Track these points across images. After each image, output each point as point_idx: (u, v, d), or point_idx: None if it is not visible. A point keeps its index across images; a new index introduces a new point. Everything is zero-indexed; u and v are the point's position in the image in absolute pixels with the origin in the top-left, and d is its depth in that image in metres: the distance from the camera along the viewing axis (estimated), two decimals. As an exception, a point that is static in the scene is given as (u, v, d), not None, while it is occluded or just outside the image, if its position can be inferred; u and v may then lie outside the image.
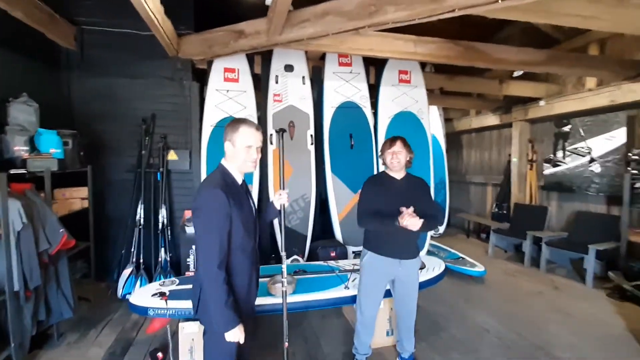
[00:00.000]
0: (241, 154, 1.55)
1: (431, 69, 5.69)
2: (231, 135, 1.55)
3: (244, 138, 1.54)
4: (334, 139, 4.29)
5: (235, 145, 1.54)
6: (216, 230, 1.43)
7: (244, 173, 1.65)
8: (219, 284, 1.41)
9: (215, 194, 1.44)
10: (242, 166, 1.59)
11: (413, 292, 2.33)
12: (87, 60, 3.55)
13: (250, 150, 1.55)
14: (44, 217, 2.38)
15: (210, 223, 1.44)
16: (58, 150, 2.73)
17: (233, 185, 1.56)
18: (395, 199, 2.17)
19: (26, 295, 2.23)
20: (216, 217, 1.44)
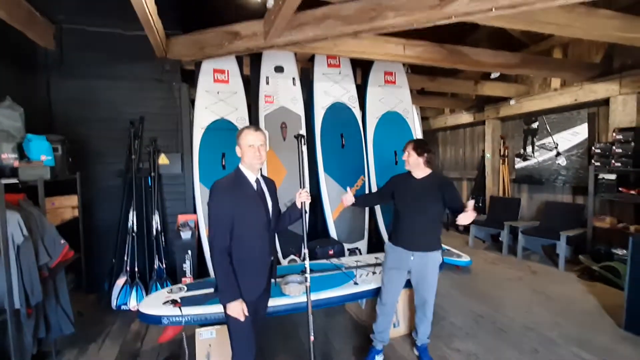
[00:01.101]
0: (247, 153, 1.77)
1: (408, 70, 5.91)
2: (238, 140, 1.81)
3: (246, 139, 1.78)
4: (325, 139, 4.35)
5: (241, 147, 1.79)
6: (218, 223, 1.69)
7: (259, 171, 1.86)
8: (220, 264, 1.68)
9: (217, 190, 1.71)
10: (251, 165, 1.79)
11: (427, 284, 2.44)
12: (68, 62, 3.34)
13: (252, 148, 1.76)
14: (42, 229, 2.24)
15: (214, 216, 1.71)
16: (49, 157, 2.56)
17: (240, 181, 1.78)
18: (409, 196, 2.38)
19: (27, 312, 2.09)
20: (218, 206, 1.70)
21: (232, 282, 1.68)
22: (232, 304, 1.68)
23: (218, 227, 1.68)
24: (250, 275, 1.77)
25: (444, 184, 2.40)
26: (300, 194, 1.99)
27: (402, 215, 2.41)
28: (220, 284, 1.70)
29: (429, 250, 2.38)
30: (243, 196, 1.74)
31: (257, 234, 1.78)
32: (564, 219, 4.84)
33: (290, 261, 4.07)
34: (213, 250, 1.68)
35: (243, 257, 1.73)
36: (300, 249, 4.14)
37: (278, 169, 4.10)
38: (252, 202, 1.76)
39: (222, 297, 1.72)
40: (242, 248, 1.72)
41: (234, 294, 1.69)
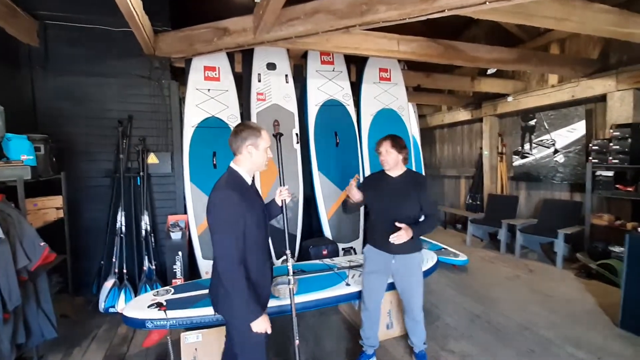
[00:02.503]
0: (263, 156, 1.64)
1: (404, 67, 5.83)
2: (254, 140, 1.61)
3: (266, 141, 1.63)
4: (319, 138, 4.28)
5: (258, 149, 1.61)
6: (232, 228, 1.49)
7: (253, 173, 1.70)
8: (239, 279, 1.47)
9: (229, 196, 1.50)
10: (260, 167, 1.67)
11: (411, 287, 2.34)
12: (53, 58, 3.26)
13: (268, 151, 1.66)
14: (21, 231, 2.16)
15: (226, 222, 1.49)
16: (30, 157, 2.49)
17: (243, 186, 1.61)
18: (385, 196, 2.26)
19: (4, 317, 2.02)
20: (230, 216, 1.49)
21: (253, 297, 1.51)
22: (258, 321, 1.51)
23: (232, 236, 1.47)
24: (263, 282, 1.66)
25: (419, 184, 2.29)
26: (281, 192, 1.90)
27: (379, 216, 2.31)
28: (240, 302, 1.49)
29: (410, 252, 2.28)
30: (250, 200, 1.59)
31: (262, 237, 1.66)
32: (561, 217, 4.78)
33: (283, 261, 4.00)
34: (228, 263, 1.46)
35: (255, 264, 1.59)
36: (293, 248, 4.08)
37: (271, 167, 4.00)
38: (256, 206, 1.64)
39: (245, 315, 1.51)
40: (253, 258, 1.58)
41: (258, 309, 1.52)
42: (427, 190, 2.29)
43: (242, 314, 1.52)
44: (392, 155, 2.21)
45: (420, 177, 2.39)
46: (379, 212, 2.30)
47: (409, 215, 2.21)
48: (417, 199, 2.22)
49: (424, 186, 2.28)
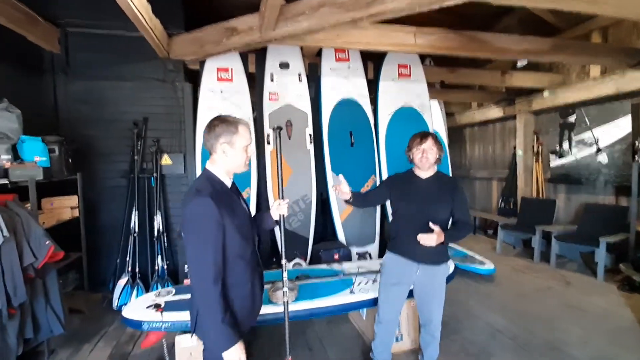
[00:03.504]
0: (241, 155, 1.46)
1: (430, 63, 5.54)
2: (229, 137, 1.42)
3: (244, 138, 1.45)
4: (333, 137, 4.15)
5: (234, 147, 1.43)
6: (209, 242, 1.31)
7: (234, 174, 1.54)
8: (214, 301, 1.30)
9: (203, 203, 1.32)
10: (238, 167, 1.49)
11: (433, 301, 2.14)
12: (73, 64, 3.40)
13: (248, 149, 1.49)
14: (28, 229, 2.24)
15: (201, 235, 1.32)
16: (43, 158, 2.60)
17: (222, 190, 1.44)
18: (414, 199, 2.07)
19: (9, 312, 2.09)
20: (207, 228, 1.32)
21: (229, 322, 1.31)
22: (232, 351, 1.30)
23: (210, 251, 1.30)
24: (247, 300, 1.47)
25: (455, 188, 2.11)
26: (280, 205, 1.74)
27: (406, 221, 2.11)
28: (214, 326, 1.30)
29: (437, 263, 2.09)
30: (230, 206, 1.41)
31: (248, 249, 1.48)
32: (604, 223, 4.28)
33: (295, 265, 3.91)
34: (202, 281, 1.29)
35: (238, 281, 1.43)
36: (305, 252, 3.99)
37: (283, 168, 3.94)
38: (239, 213, 1.46)
39: (217, 341, 1.32)
40: (235, 271, 1.41)
41: (234, 337, 1.31)
42: (463, 194, 2.12)
43: (214, 339, 1.33)
44: (433, 153, 2.03)
45: (454, 179, 2.22)
46: (406, 216, 2.11)
47: (441, 221, 2.01)
48: (449, 204, 2.04)
49: (460, 190, 2.10)
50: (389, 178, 2.32)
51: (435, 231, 1.90)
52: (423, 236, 1.90)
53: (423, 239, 1.90)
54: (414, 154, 2.08)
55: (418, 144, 2.05)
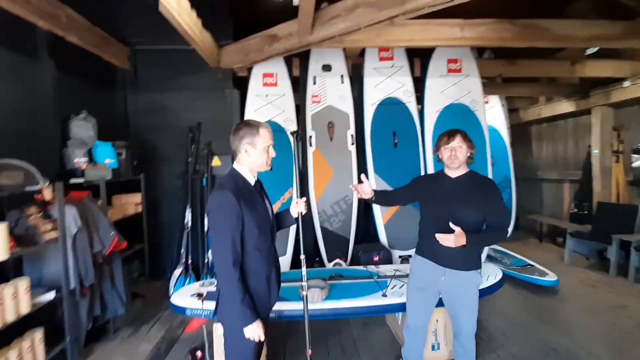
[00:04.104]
0: (262, 155, 1.58)
1: (490, 55, 5.15)
2: (251, 139, 1.56)
3: (264, 139, 1.57)
4: (376, 138, 4.09)
5: (256, 147, 1.56)
6: (228, 230, 1.46)
7: (258, 173, 1.66)
8: (234, 282, 1.44)
9: (224, 196, 1.47)
10: (260, 166, 1.61)
11: (462, 311, 2.01)
12: (140, 78, 3.87)
13: (269, 149, 1.60)
14: (98, 222, 2.61)
15: (222, 224, 1.48)
16: (112, 161, 2.99)
17: (245, 187, 1.57)
18: (441, 199, 1.96)
19: (82, 292, 2.46)
20: (227, 218, 1.47)
21: (248, 302, 1.46)
22: (251, 327, 1.46)
23: (229, 238, 1.45)
24: (263, 290, 1.59)
25: (489, 188, 1.95)
26: (298, 204, 1.81)
27: (432, 222, 2.01)
28: (233, 305, 1.46)
29: (465, 269, 1.94)
30: (250, 202, 1.54)
31: (266, 243, 1.60)
32: None
33: (335, 264, 3.94)
34: (223, 265, 1.45)
35: (255, 271, 1.55)
36: (346, 253, 3.99)
37: (324, 169, 4.02)
38: (259, 208, 1.58)
39: (237, 319, 1.48)
40: (253, 261, 1.54)
41: (252, 315, 1.46)
42: (498, 196, 1.96)
43: (234, 316, 1.48)
44: (463, 151, 1.91)
45: (488, 180, 2.06)
46: (432, 217, 2.01)
47: (469, 224, 1.89)
48: (481, 206, 1.90)
49: (494, 191, 1.95)
50: (417, 177, 2.23)
51: (455, 232, 1.79)
52: (441, 235, 1.81)
53: (441, 238, 1.81)
54: (442, 153, 1.98)
55: (446, 142, 1.94)
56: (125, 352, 2.67)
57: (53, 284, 2.31)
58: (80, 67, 3.21)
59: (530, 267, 4.13)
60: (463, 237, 1.80)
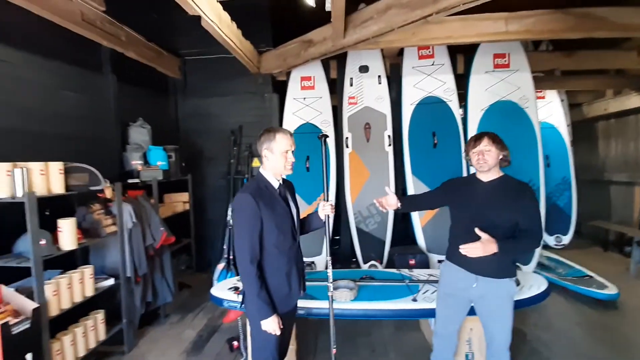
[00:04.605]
0: (280, 160, 1.65)
1: (548, 47, 4.75)
2: (268, 144, 1.66)
3: (281, 144, 1.64)
4: (414, 139, 4.01)
5: (273, 152, 1.65)
6: (246, 230, 1.58)
7: (283, 176, 1.75)
8: (251, 277, 1.56)
9: (244, 198, 1.59)
10: (280, 170, 1.69)
11: (494, 321, 1.92)
12: (189, 86, 4.20)
13: (288, 154, 1.66)
14: (150, 218, 2.91)
15: (242, 224, 1.60)
16: (163, 163, 3.30)
17: (266, 189, 1.67)
18: (471, 204, 1.90)
19: (136, 280, 2.76)
20: (246, 218, 1.58)
21: (264, 297, 1.56)
22: (267, 321, 1.57)
23: (247, 236, 1.56)
24: (283, 287, 1.67)
25: (523, 193, 1.84)
26: (324, 207, 1.85)
27: (462, 228, 1.94)
28: (251, 299, 1.58)
29: (498, 277, 1.85)
30: (270, 203, 1.62)
31: (286, 242, 1.68)
32: None
33: (370, 266, 3.94)
34: (242, 261, 1.58)
35: (274, 268, 1.64)
36: (382, 254, 3.97)
37: (361, 171, 4.04)
38: (279, 210, 1.66)
39: (254, 312, 1.60)
40: (272, 259, 1.64)
41: (269, 309, 1.57)
42: (533, 201, 1.87)
43: (253, 310, 1.61)
44: (492, 154, 1.83)
45: (523, 184, 1.94)
46: (462, 222, 1.95)
47: (500, 230, 1.81)
48: (514, 211, 1.82)
49: (529, 196, 1.85)
50: (447, 181, 2.14)
51: (482, 239, 1.71)
52: (467, 246, 1.74)
53: (467, 249, 1.74)
54: (471, 157, 1.91)
55: (473, 146, 1.88)
56: (173, 336, 2.95)
57: (112, 272, 2.64)
58: (138, 78, 3.58)
59: (588, 278, 3.77)
60: (492, 244, 1.72)
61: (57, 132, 2.67)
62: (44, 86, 2.60)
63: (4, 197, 1.91)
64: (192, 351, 2.73)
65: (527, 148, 3.89)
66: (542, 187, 3.86)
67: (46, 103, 2.62)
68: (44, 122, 2.57)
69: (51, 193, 2.10)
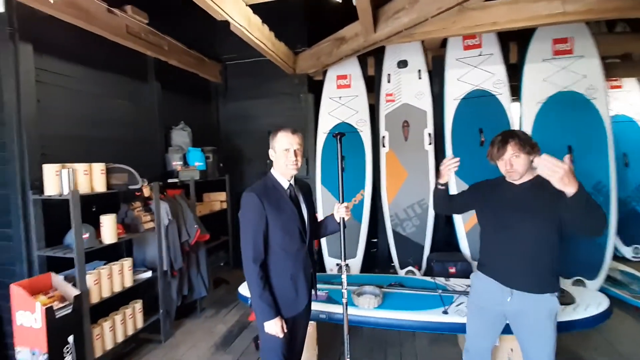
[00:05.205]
0: (281, 158, 1.63)
1: (625, 28, 4.09)
2: (272, 143, 1.68)
3: (281, 142, 1.63)
4: (458, 136, 3.70)
5: (276, 150, 1.66)
6: (250, 229, 1.57)
7: (293, 176, 1.71)
8: (253, 277, 1.54)
9: (249, 197, 1.58)
10: (285, 169, 1.66)
11: (534, 338, 1.67)
12: (229, 89, 4.38)
13: (289, 153, 1.62)
14: (186, 216, 3.07)
15: (246, 222, 1.59)
16: (201, 163, 3.47)
17: (274, 189, 1.65)
18: (503, 209, 1.68)
19: (172, 274, 2.93)
20: (250, 217, 1.57)
21: (267, 298, 1.54)
22: (269, 323, 1.55)
23: (250, 235, 1.55)
24: (289, 290, 1.63)
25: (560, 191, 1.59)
26: (339, 209, 1.78)
27: (493, 236, 1.74)
28: (254, 301, 1.57)
29: (536, 292, 1.62)
30: (276, 203, 1.60)
31: (293, 244, 1.63)
32: None
33: (407, 272, 3.73)
34: (245, 260, 1.55)
35: (280, 270, 1.61)
36: (420, 260, 3.73)
37: (398, 171, 3.84)
38: (286, 210, 1.63)
39: (257, 315, 1.59)
40: (278, 260, 1.61)
41: (271, 311, 1.54)
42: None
43: (255, 310, 1.60)
44: (521, 161, 1.61)
45: None
46: (493, 230, 1.75)
47: (538, 237, 1.60)
48: (553, 215, 1.56)
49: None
50: (475, 183, 1.92)
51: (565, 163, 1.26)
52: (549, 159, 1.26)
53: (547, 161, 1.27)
54: (498, 165, 1.69)
55: (497, 156, 1.65)
56: (206, 329, 3.08)
57: (152, 266, 2.83)
58: (181, 84, 3.81)
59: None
60: (573, 179, 1.27)
61: (109, 136, 2.94)
62: (98, 96, 2.88)
63: (52, 195, 2.14)
64: (221, 346, 2.82)
65: (594, 145, 3.38)
66: (613, 189, 3.31)
67: (100, 111, 2.90)
68: (98, 127, 2.85)
69: (94, 191, 2.31)
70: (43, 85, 2.37)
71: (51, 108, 2.44)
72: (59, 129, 2.51)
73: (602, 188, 3.36)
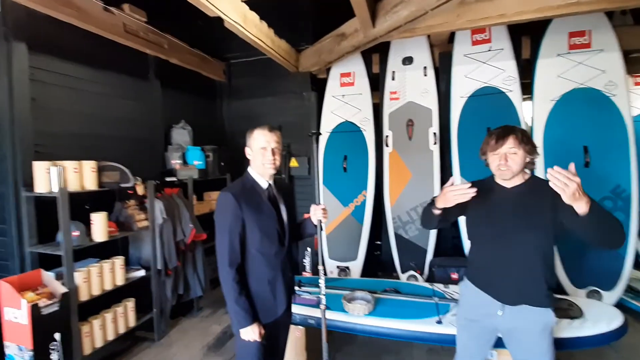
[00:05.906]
0: (258, 157, 1.59)
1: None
2: (249, 141, 1.63)
3: (258, 141, 1.59)
4: (465, 136, 3.54)
5: (252, 149, 1.61)
6: (225, 230, 1.50)
7: (272, 176, 1.65)
8: (229, 282, 1.48)
9: (225, 197, 1.52)
10: (262, 169, 1.60)
11: (528, 355, 1.54)
12: (234, 88, 4.36)
13: (266, 152, 1.57)
14: (182, 215, 3.06)
15: (222, 224, 1.52)
16: (200, 162, 3.46)
17: (252, 189, 1.60)
18: (494, 215, 1.55)
19: (167, 273, 2.92)
20: (226, 218, 1.51)
21: (243, 304, 1.47)
22: (246, 330, 1.49)
23: (226, 238, 1.48)
24: (266, 294, 1.57)
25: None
26: (316, 211, 1.71)
27: (484, 244, 1.61)
28: (230, 306, 1.50)
29: (531, 304, 1.49)
30: (254, 204, 1.54)
31: (272, 247, 1.57)
32: None
33: (409, 277, 3.60)
34: (221, 264, 1.49)
35: (257, 274, 1.55)
36: (422, 265, 3.59)
37: (402, 171, 3.71)
38: (264, 211, 1.57)
39: (233, 321, 1.52)
40: (255, 264, 1.55)
41: (247, 317, 1.47)
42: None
43: (231, 316, 1.52)
44: (517, 158, 1.47)
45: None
46: (484, 238, 1.62)
47: (534, 247, 1.48)
48: (549, 220, 1.44)
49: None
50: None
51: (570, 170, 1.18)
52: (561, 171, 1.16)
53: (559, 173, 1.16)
54: (489, 160, 1.55)
55: (493, 148, 1.51)
56: (201, 329, 3.06)
57: (147, 264, 2.83)
58: (183, 83, 3.82)
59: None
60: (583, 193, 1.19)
61: (111, 134, 2.97)
62: (98, 94, 2.90)
63: (43, 192, 2.16)
64: (214, 347, 2.79)
65: (614, 146, 3.15)
66: (634, 194, 3.07)
67: (103, 110, 2.93)
68: (97, 126, 2.87)
69: (84, 189, 2.32)
70: (39, 83, 2.40)
71: (47, 106, 2.47)
72: (56, 127, 2.54)
73: (622, 192, 3.12)
